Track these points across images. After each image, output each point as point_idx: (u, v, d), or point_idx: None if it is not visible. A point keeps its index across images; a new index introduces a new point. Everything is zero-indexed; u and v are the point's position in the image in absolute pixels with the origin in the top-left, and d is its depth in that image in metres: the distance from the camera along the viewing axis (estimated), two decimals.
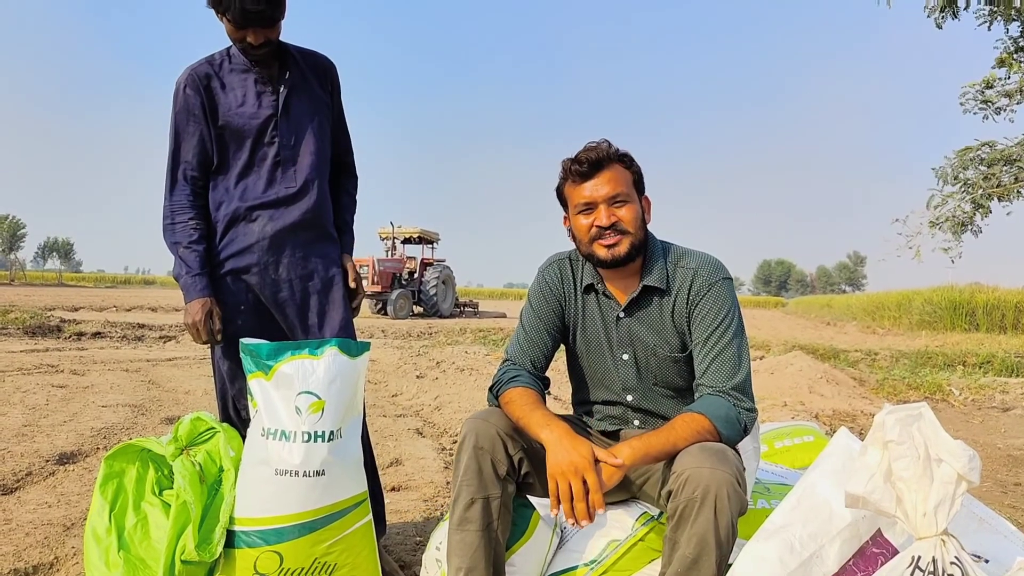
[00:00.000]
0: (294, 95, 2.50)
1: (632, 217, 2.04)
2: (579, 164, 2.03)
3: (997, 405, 7.21)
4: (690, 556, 1.68)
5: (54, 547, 2.70)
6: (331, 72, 2.62)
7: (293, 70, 2.50)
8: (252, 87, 2.46)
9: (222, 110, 2.45)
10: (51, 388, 6.33)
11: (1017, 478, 4.33)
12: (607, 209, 2.02)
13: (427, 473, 4.03)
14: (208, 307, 2.45)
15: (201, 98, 2.43)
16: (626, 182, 2.05)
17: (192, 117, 2.44)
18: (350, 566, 2.20)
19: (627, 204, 2.04)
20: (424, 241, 27.95)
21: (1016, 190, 10.06)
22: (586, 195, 2.03)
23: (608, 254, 2.03)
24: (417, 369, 8.21)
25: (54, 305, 20.60)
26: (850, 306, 36.26)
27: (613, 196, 2.02)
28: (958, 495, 1.35)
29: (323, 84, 2.59)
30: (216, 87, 2.45)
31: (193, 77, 2.42)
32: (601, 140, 2.06)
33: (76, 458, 4.06)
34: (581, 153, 2.04)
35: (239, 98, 2.46)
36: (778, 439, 3.03)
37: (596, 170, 2.02)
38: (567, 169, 2.07)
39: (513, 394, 2.02)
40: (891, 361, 11.39)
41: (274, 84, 2.48)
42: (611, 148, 2.05)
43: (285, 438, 2.17)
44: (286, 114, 2.48)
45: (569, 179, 2.08)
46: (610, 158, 2.03)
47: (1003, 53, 10.48)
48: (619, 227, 2.02)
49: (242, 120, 2.45)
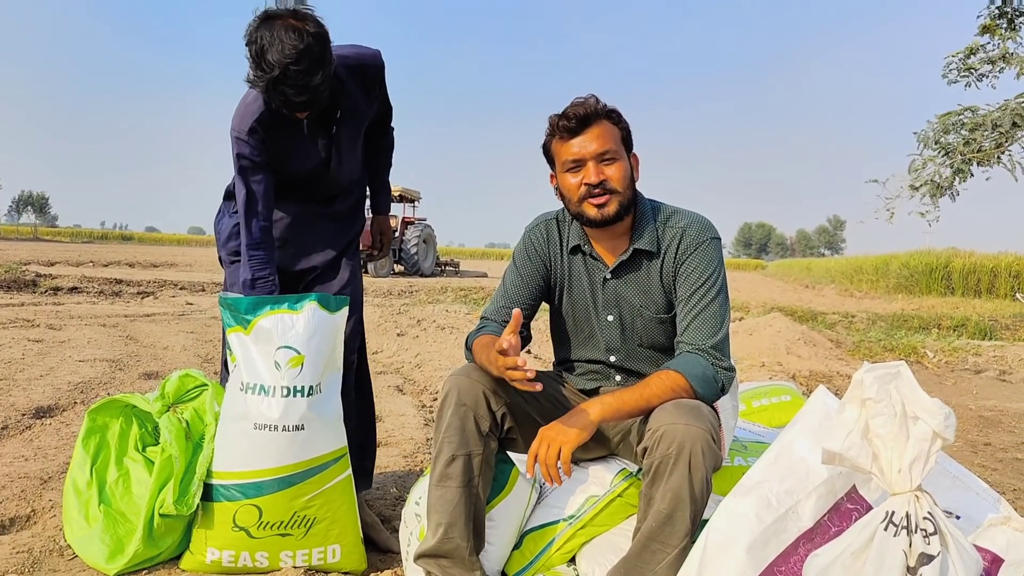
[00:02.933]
0: (344, 127, 2.44)
1: (621, 175, 2.00)
2: (567, 120, 1.98)
3: (970, 367, 7.33)
4: (665, 511, 1.70)
5: (31, 500, 2.69)
6: (378, 74, 2.51)
7: (344, 106, 2.40)
8: (305, 133, 2.39)
9: (278, 156, 2.37)
10: (27, 342, 6.25)
11: (987, 438, 4.42)
12: (596, 166, 1.98)
13: (407, 430, 4.05)
14: None
15: (262, 151, 2.33)
16: (615, 138, 2.00)
17: (257, 167, 2.34)
18: (329, 520, 2.21)
19: (616, 162, 2.00)
20: (405, 200, 27.71)
21: (996, 155, 10.11)
22: (574, 152, 1.99)
23: (598, 214, 1.99)
24: (398, 327, 8.19)
25: (29, 260, 20.35)
26: (829, 269, 36.53)
27: (602, 153, 1.98)
28: (933, 452, 1.36)
29: (370, 91, 2.50)
30: (272, 130, 2.33)
31: (255, 130, 2.29)
32: (589, 95, 2.01)
33: (53, 412, 4.03)
34: (569, 109, 1.99)
35: (292, 147, 2.39)
36: (755, 398, 3.05)
37: (584, 126, 1.97)
38: (554, 125, 2.02)
39: (483, 340, 2.00)
40: (868, 324, 11.53)
41: (327, 127, 2.40)
42: (599, 104, 1.99)
43: (264, 392, 2.16)
44: (338, 150, 2.44)
45: (556, 135, 2.02)
46: (598, 114, 1.98)
47: (987, 20, 10.46)
48: (607, 185, 1.98)
49: (296, 165, 2.42)
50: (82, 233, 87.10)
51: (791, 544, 1.53)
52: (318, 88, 2.11)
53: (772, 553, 1.53)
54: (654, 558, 1.73)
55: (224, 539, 2.17)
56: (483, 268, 35.05)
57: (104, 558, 2.18)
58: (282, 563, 2.20)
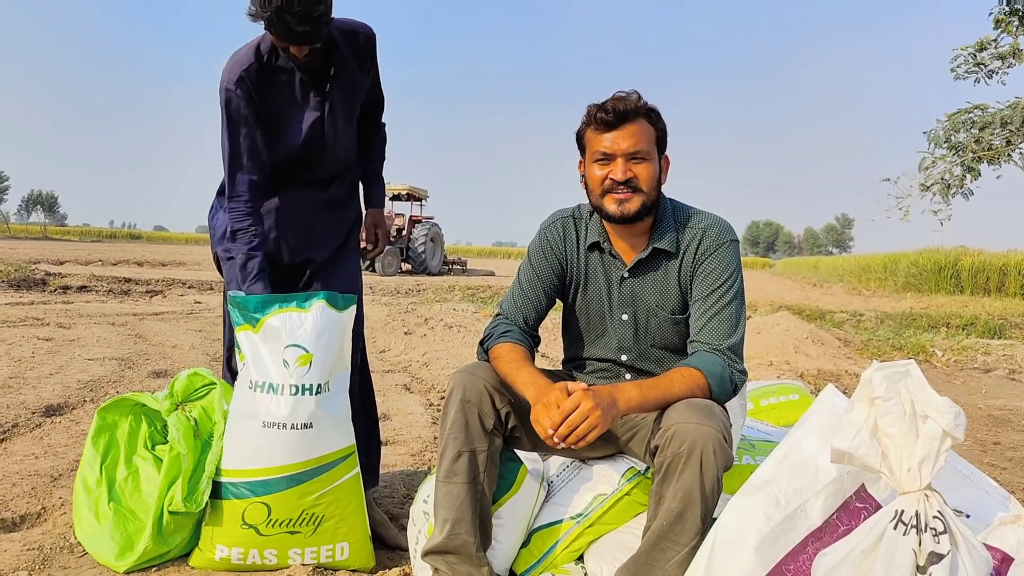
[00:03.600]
0: (337, 89, 2.44)
1: (648, 176, 1.98)
2: (605, 112, 1.96)
3: (979, 366, 7.30)
4: (675, 510, 1.70)
5: (41, 497, 2.70)
6: (370, 46, 2.53)
7: (338, 65, 2.42)
8: (298, 88, 2.40)
9: (269, 112, 2.38)
10: (37, 341, 6.29)
11: (996, 437, 4.40)
12: (624, 164, 1.96)
13: (415, 428, 4.05)
14: None
15: (250, 102, 2.34)
16: (648, 139, 1.99)
17: (243, 120, 2.35)
18: (338, 518, 2.22)
19: (645, 162, 1.98)
20: (412, 198, 27.75)
21: (1006, 153, 10.05)
22: (606, 146, 1.98)
23: (618, 210, 1.98)
24: (405, 326, 8.20)
25: (39, 258, 20.45)
26: (837, 268, 36.39)
27: (633, 152, 1.96)
28: (942, 451, 1.36)
29: (363, 62, 2.52)
30: (263, 88, 2.35)
31: (243, 79, 2.31)
32: (631, 91, 1.99)
33: (63, 410, 4.05)
34: (609, 102, 1.97)
35: (285, 101, 2.40)
36: (763, 397, 3.05)
37: (621, 122, 1.96)
38: (591, 115, 2.00)
39: (502, 349, 2.01)
40: (876, 322, 11.49)
41: (319, 85, 2.41)
42: (640, 101, 1.98)
43: (273, 391, 2.17)
44: (332, 116, 2.44)
45: (592, 125, 2.00)
46: (637, 112, 1.97)
47: (999, 14, 10.39)
48: (633, 183, 1.97)
49: (287, 121, 2.41)
50: (91, 232, 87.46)
51: (800, 543, 1.52)
52: (320, 20, 2.14)
53: (781, 552, 1.52)
54: (664, 556, 1.73)
55: (233, 536, 2.18)
56: (490, 267, 35.09)
57: (114, 555, 2.19)
58: (291, 561, 2.20)
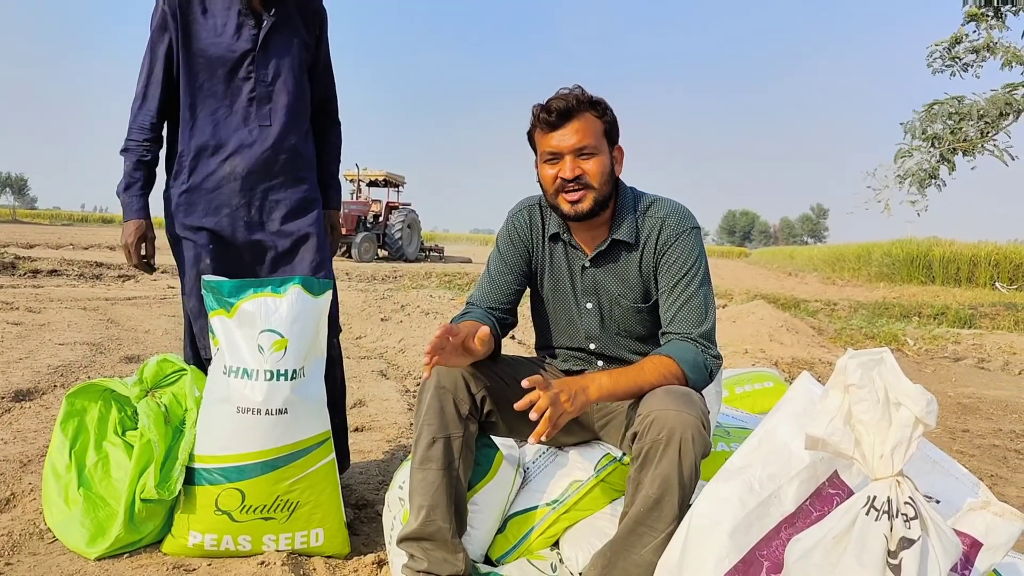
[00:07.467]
0: (277, 32, 2.41)
1: (599, 171, 1.97)
2: (548, 112, 1.95)
3: (949, 355, 7.41)
4: (653, 496, 1.71)
5: (10, 483, 2.66)
6: (320, 15, 2.53)
7: (280, 7, 2.41)
8: (234, 17, 2.37)
9: (199, 35, 2.36)
10: (6, 325, 6.18)
11: (965, 425, 4.47)
12: (573, 161, 1.96)
13: (391, 414, 4.04)
14: (142, 230, 2.43)
15: (177, 19, 2.33)
16: (595, 133, 1.97)
17: (166, 36, 2.35)
18: (313, 504, 2.20)
19: (594, 156, 1.97)
20: (390, 184, 27.58)
21: (981, 144, 10.18)
22: (552, 144, 1.97)
23: (571, 209, 1.98)
24: (381, 312, 8.17)
25: (8, 242, 20.07)
26: (812, 257, 36.73)
27: (580, 148, 1.95)
28: (915, 438, 1.37)
29: (310, 26, 2.50)
30: (196, 9, 2.36)
31: None
32: (574, 87, 1.98)
33: (32, 395, 3.99)
34: (551, 101, 1.96)
35: (219, 27, 2.37)
36: (738, 385, 3.08)
37: (565, 119, 1.94)
38: (536, 116, 1.99)
39: (465, 326, 1.99)
40: (849, 311, 11.63)
41: (257, 17, 2.39)
42: (583, 95, 1.96)
43: (247, 376, 2.15)
44: (265, 50, 2.40)
45: (538, 126, 2.00)
46: (580, 107, 1.95)
47: (973, 7, 10.48)
48: (583, 180, 1.96)
49: (218, 50, 2.36)
50: (62, 215, 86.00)
51: (773, 528, 1.54)
52: None
53: (754, 537, 1.54)
54: (640, 541, 1.74)
55: (206, 523, 2.16)
56: (467, 253, 34.98)
57: (84, 542, 2.16)
58: (265, 547, 2.19)
